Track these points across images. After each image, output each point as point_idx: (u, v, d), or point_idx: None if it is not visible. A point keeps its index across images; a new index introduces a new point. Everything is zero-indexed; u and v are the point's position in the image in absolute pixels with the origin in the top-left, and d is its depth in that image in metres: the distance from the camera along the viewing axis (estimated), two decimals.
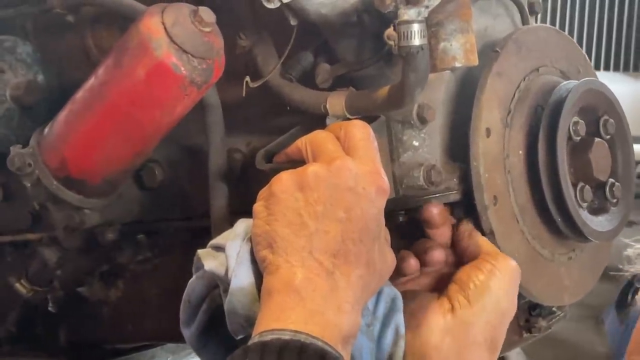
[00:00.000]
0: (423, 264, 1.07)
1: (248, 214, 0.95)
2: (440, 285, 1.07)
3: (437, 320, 1.02)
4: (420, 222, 1.08)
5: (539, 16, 1.30)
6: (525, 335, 1.21)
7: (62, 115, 1.19)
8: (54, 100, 1.29)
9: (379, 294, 1.01)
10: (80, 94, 1.16)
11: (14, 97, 1.29)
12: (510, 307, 1.04)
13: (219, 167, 1.17)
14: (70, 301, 1.36)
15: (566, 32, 3.78)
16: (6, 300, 1.38)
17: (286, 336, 0.84)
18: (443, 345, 1.01)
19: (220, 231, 1.03)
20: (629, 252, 0.87)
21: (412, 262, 1.06)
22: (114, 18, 1.25)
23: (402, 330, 1.00)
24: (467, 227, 1.08)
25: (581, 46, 3.85)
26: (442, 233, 1.09)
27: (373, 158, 0.95)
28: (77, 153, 1.18)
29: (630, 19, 3.94)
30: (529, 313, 1.21)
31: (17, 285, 1.33)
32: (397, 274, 1.04)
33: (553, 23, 3.86)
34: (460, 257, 1.08)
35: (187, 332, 0.99)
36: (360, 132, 0.96)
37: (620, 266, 1.05)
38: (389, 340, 1.00)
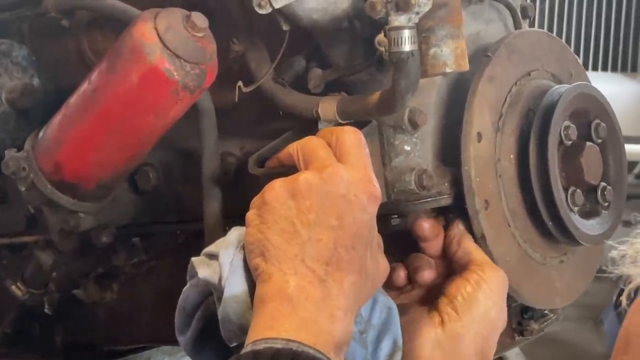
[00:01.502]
0: (413, 280, 1.07)
1: (241, 217, 0.96)
2: (432, 297, 1.08)
3: (428, 334, 1.03)
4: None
5: (537, 15, 1.31)
6: (517, 338, 1.22)
7: (56, 120, 1.19)
8: (50, 103, 1.29)
9: (374, 302, 1.01)
10: (74, 99, 1.17)
11: (9, 100, 1.29)
12: (499, 317, 1.05)
13: (213, 171, 1.17)
14: (66, 303, 1.36)
15: (563, 32, 3.78)
16: (2, 303, 1.38)
17: (278, 345, 0.84)
18: (434, 359, 1.02)
19: (214, 235, 1.04)
20: (613, 253, 0.88)
21: (402, 274, 1.07)
22: (108, 22, 1.26)
23: (400, 342, 1.01)
24: (456, 231, 1.09)
25: (578, 46, 3.86)
26: (434, 245, 1.10)
27: (365, 164, 0.96)
28: (71, 157, 1.18)
29: (628, 19, 3.93)
30: (521, 316, 1.21)
31: (13, 287, 1.33)
32: (387, 286, 1.05)
33: (550, 22, 3.85)
34: (450, 263, 1.09)
35: (182, 339, 1.00)
36: (352, 138, 0.97)
37: (605, 267, 1.06)
38: (385, 351, 1.00)
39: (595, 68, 3.90)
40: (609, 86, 1.22)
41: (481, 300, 1.03)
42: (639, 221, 0.98)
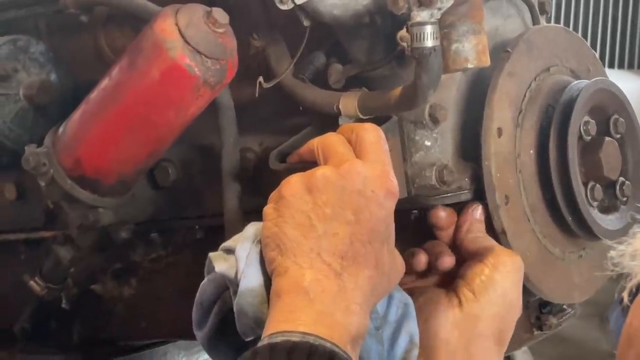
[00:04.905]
0: (433, 266, 1.08)
1: (261, 213, 0.96)
2: (447, 281, 1.08)
3: (446, 315, 1.04)
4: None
5: None
6: (536, 332, 1.22)
7: (77, 115, 1.20)
8: (67, 99, 1.30)
9: (390, 298, 1.01)
10: (94, 94, 1.17)
11: (27, 96, 1.30)
12: (516, 300, 1.06)
13: (232, 167, 1.17)
14: (84, 299, 1.36)
15: (571, 30, 3.78)
16: (20, 298, 1.38)
17: (295, 338, 0.85)
18: (451, 339, 1.03)
19: (233, 230, 1.04)
20: (612, 253, 0.89)
21: (423, 259, 1.07)
22: (127, 18, 1.26)
23: (417, 339, 1.01)
24: (466, 217, 1.09)
25: None
26: (449, 233, 1.10)
27: (383, 161, 0.96)
28: (92, 153, 1.19)
29: (635, 16, 3.93)
30: (540, 311, 1.22)
31: (32, 282, 1.33)
32: (407, 271, 1.05)
33: (558, 20, 3.85)
34: (458, 248, 1.09)
35: (199, 334, 1.00)
36: (371, 135, 0.97)
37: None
38: (402, 348, 1.00)
39: None
40: (617, 84, 1.22)
41: (499, 282, 1.04)
42: (637, 220, 0.98)
